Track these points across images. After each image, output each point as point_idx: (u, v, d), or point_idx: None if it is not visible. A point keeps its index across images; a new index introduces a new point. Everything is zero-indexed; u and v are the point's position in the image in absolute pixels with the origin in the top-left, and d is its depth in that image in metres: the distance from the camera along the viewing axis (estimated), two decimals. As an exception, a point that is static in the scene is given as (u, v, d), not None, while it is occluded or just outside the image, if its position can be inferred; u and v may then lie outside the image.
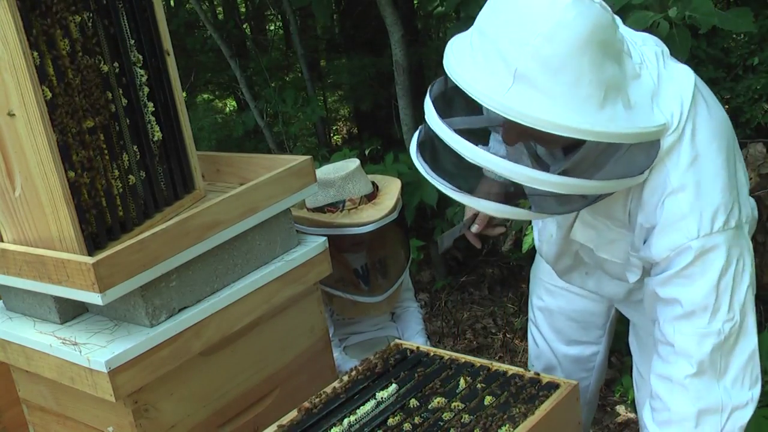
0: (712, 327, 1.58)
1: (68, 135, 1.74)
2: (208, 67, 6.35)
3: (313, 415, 1.87)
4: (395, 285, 2.68)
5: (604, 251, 1.78)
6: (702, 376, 1.59)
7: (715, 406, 1.60)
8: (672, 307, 1.61)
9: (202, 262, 1.92)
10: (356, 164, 2.60)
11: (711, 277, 1.57)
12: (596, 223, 1.76)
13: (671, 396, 1.62)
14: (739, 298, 1.59)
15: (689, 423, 1.60)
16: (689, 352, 1.59)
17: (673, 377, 1.61)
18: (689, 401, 1.60)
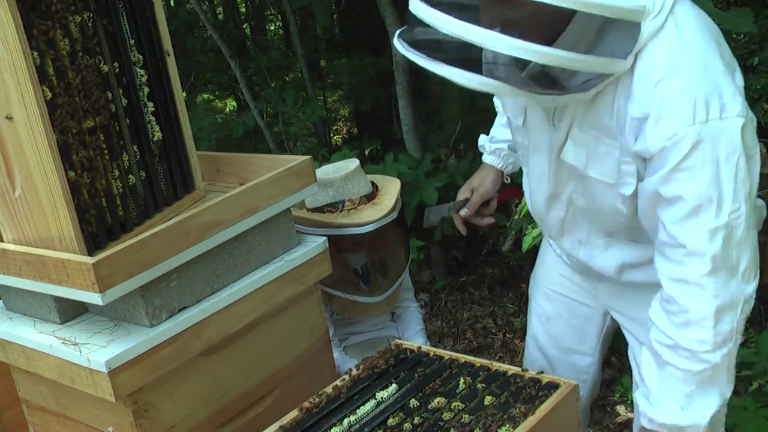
0: (720, 220, 1.54)
1: (68, 135, 1.74)
2: (208, 67, 6.35)
3: (313, 415, 1.87)
4: (395, 285, 2.68)
5: (594, 169, 1.72)
6: (717, 273, 1.56)
7: (731, 301, 1.58)
8: (677, 206, 1.57)
9: (202, 262, 1.92)
10: (356, 164, 2.60)
11: (712, 167, 1.53)
12: (586, 138, 1.71)
13: (688, 298, 1.59)
14: (744, 189, 1.56)
15: (708, 322, 1.58)
16: (701, 250, 1.55)
17: (689, 278, 1.58)
18: (707, 300, 1.57)
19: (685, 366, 1.62)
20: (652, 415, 1.69)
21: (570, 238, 1.93)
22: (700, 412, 1.65)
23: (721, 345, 1.60)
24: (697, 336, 1.60)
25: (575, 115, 1.71)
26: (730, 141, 1.54)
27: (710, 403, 1.65)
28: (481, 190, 2.24)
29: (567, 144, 1.75)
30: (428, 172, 3.86)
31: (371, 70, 5.15)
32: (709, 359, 1.61)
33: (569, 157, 1.75)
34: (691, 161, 1.54)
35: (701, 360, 1.61)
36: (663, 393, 1.67)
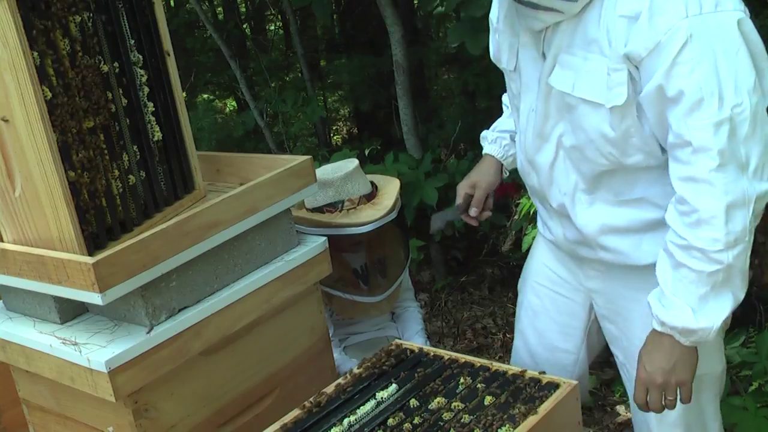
0: (723, 113, 1.54)
1: (68, 135, 1.74)
2: (208, 67, 6.36)
3: (314, 415, 1.87)
4: (395, 285, 2.68)
5: (581, 89, 1.71)
6: (726, 169, 1.56)
7: (742, 198, 1.57)
8: (680, 103, 1.57)
9: (202, 262, 1.92)
10: (355, 164, 2.60)
11: (710, 60, 1.53)
12: (573, 60, 1.71)
13: (698, 196, 1.59)
14: (746, 82, 1.55)
15: (719, 220, 1.57)
16: (707, 145, 1.55)
17: (697, 176, 1.58)
18: (717, 197, 1.57)
19: (699, 267, 1.62)
20: (663, 317, 1.68)
21: (557, 189, 1.90)
22: (713, 314, 1.65)
23: (733, 244, 1.59)
24: (708, 235, 1.59)
25: (563, 41, 1.72)
26: (727, 34, 1.55)
27: (723, 306, 1.65)
28: (484, 183, 2.20)
29: (554, 70, 1.76)
30: (428, 172, 3.86)
31: (371, 70, 5.16)
32: (722, 259, 1.60)
33: (556, 81, 1.75)
34: (687, 54, 1.54)
35: (713, 260, 1.60)
36: (676, 295, 1.66)
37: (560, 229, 1.98)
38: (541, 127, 1.85)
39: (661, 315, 1.69)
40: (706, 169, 1.57)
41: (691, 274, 1.63)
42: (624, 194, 1.81)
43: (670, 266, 1.67)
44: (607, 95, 1.67)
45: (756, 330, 2.88)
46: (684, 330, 1.67)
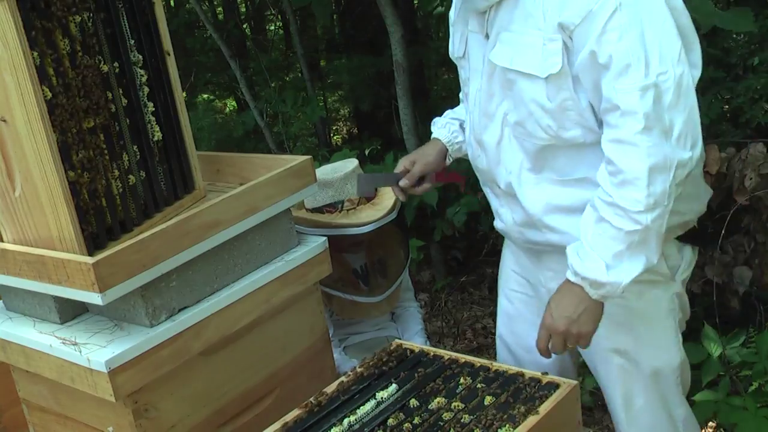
0: (649, 79, 1.63)
1: (68, 135, 1.74)
2: (208, 67, 6.36)
3: (314, 415, 1.87)
4: (395, 285, 2.68)
5: (519, 62, 1.79)
6: (650, 132, 1.64)
7: (664, 162, 1.66)
8: (610, 68, 1.66)
9: (202, 262, 1.92)
10: (355, 164, 2.60)
11: (637, 28, 1.63)
12: (512, 36, 1.80)
13: (624, 157, 1.67)
14: (671, 52, 1.65)
15: (642, 181, 1.66)
16: (634, 108, 1.64)
17: (624, 138, 1.66)
18: (640, 159, 1.65)
19: (619, 224, 1.69)
20: (578, 268, 1.76)
21: (503, 169, 1.94)
22: (624, 272, 1.73)
23: (653, 207, 1.67)
24: (631, 195, 1.67)
25: (504, 19, 1.81)
26: (654, 5, 1.66)
27: (635, 266, 1.73)
28: (423, 161, 2.23)
29: (495, 47, 1.84)
30: (428, 172, 3.85)
31: (371, 70, 5.16)
32: (641, 220, 1.68)
33: (496, 57, 1.83)
34: (616, 21, 1.64)
35: (633, 220, 1.68)
36: (594, 249, 1.74)
37: (509, 213, 2.02)
38: (487, 106, 1.92)
39: (575, 265, 1.76)
40: (632, 132, 1.65)
41: (611, 230, 1.71)
42: (567, 174, 1.87)
43: (593, 220, 1.74)
44: (542, 66, 1.75)
45: (756, 330, 2.88)
46: (594, 282, 1.74)
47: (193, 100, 6.61)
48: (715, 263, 2.95)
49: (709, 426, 2.79)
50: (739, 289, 2.94)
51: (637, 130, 1.64)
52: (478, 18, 1.89)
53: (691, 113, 1.68)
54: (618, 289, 1.74)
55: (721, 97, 3.37)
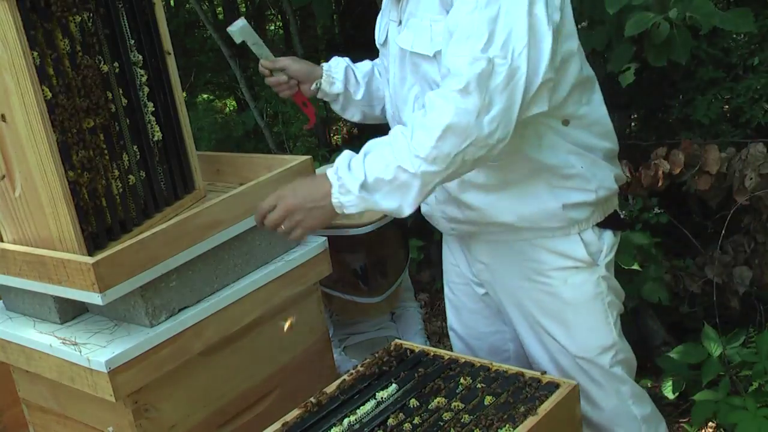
0: (484, 54, 1.65)
1: (68, 135, 1.74)
2: (208, 67, 6.35)
3: (314, 415, 1.87)
4: (394, 285, 2.68)
5: (417, 45, 1.86)
6: (467, 98, 1.65)
7: (464, 129, 1.66)
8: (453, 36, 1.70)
9: (202, 262, 1.92)
10: (356, 164, 2.59)
11: (492, 10, 1.66)
12: (416, 21, 1.87)
13: (433, 105, 1.69)
14: (516, 45, 1.67)
15: (435, 132, 1.66)
16: (461, 71, 1.66)
17: (443, 91, 1.69)
18: (445, 113, 1.66)
19: (398, 156, 1.69)
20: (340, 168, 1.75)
21: None
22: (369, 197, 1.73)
23: (430, 162, 1.68)
24: (421, 139, 1.68)
25: (413, 6, 1.88)
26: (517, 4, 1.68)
27: (383, 201, 1.73)
28: (296, 65, 2.31)
29: (402, 32, 1.92)
30: (428, 172, 3.84)
31: (371, 70, 5.14)
32: (414, 164, 1.68)
33: (401, 41, 1.91)
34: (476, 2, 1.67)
35: (409, 160, 1.68)
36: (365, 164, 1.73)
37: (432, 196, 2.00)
38: (401, 90, 1.98)
39: (340, 164, 1.76)
40: (450, 88, 1.66)
41: (389, 156, 1.71)
42: None
43: (383, 141, 1.76)
44: (430, 45, 1.82)
45: (756, 330, 2.88)
46: (343, 187, 1.74)
47: (193, 100, 6.60)
48: (715, 263, 2.95)
49: (709, 426, 2.79)
50: (739, 289, 2.95)
51: (454, 89, 1.66)
52: (395, 6, 1.97)
53: (511, 108, 1.69)
54: (357, 208, 1.75)
55: (721, 97, 3.37)
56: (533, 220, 1.94)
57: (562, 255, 1.97)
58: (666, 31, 2.62)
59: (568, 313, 2.00)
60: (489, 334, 2.28)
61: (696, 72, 3.41)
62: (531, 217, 1.94)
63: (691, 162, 2.92)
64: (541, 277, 2.00)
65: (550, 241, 1.97)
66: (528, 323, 2.08)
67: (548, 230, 1.96)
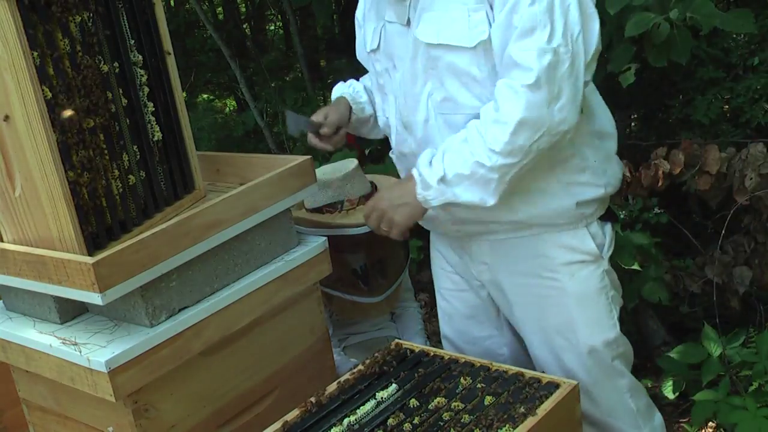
0: (550, 45, 1.72)
1: (68, 135, 1.74)
2: (208, 67, 6.36)
3: (314, 415, 1.87)
4: (394, 285, 2.68)
5: (447, 37, 1.85)
6: (537, 91, 1.73)
7: (537, 121, 1.74)
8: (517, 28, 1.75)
9: (202, 262, 1.92)
10: (354, 164, 2.60)
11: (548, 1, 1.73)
12: (436, 14, 1.87)
13: (505, 100, 1.75)
14: (573, 31, 1.75)
15: (509, 127, 1.74)
16: (530, 65, 1.73)
17: (513, 85, 1.75)
18: (517, 108, 1.74)
19: (475, 151, 1.79)
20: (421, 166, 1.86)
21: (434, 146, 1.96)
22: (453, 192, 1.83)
23: (506, 155, 1.77)
24: (496, 133, 1.76)
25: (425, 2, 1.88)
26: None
27: (466, 194, 1.83)
28: (336, 112, 2.26)
29: (419, 27, 1.90)
30: (428, 172, 3.84)
31: (371, 70, 5.14)
32: (491, 159, 1.77)
33: (423, 35, 1.89)
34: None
35: (486, 155, 1.77)
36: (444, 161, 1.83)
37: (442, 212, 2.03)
38: (412, 89, 1.97)
39: (421, 163, 1.87)
40: (521, 83, 1.74)
41: (466, 153, 1.80)
42: None
43: (460, 139, 1.83)
44: (469, 36, 1.82)
45: (756, 330, 2.88)
46: (425, 182, 1.85)
47: (193, 100, 6.61)
48: (715, 263, 2.95)
49: (709, 426, 2.79)
50: (739, 289, 2.95)
51: (525, 83, 1.73)
52: (396, 7, 1.96)
53: (577, 92, 1.77)
54: (438, 200, 1.85)
55: (721, 97, 3.37)
56: (546, 217, 1.96)
57: (570, 249, 1.99)
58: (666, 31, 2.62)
59: (573, 307, 2.01)
60: (483, 339, 2.29)
61: (696, 72, 3.41)
62: (543, 215, 1.96)
63: (691, 162, 2.92)
64: (548, 272, 2.01)
65: (557, 236, 1.99)
66: (531, 321, 2.08)
67: (557, 225, 1.97)
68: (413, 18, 1.92)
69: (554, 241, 1.99)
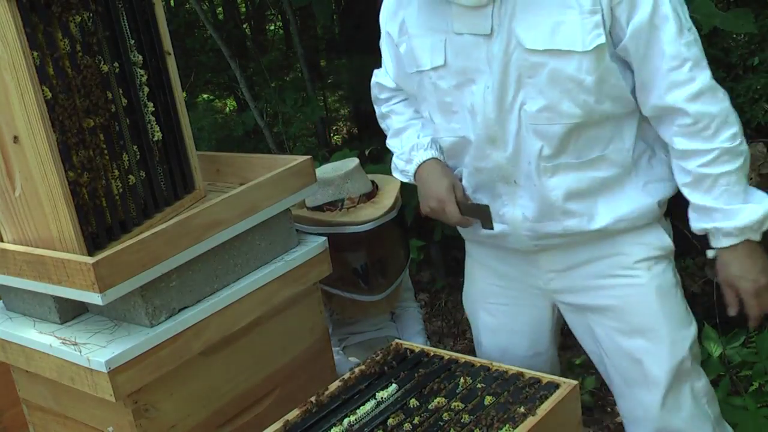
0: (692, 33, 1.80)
1: (68, 135, 1.74)
2: (208, 67, 6.35)
3: (314, 415, 1.87)
4: (394, 284, 2.68)
5: (558, 41, 1.78)
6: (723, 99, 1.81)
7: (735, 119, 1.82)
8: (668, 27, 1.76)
9: (202, 262, 1.92)
10: (355, 163, 2.60)
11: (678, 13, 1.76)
12: (537, 19, 1.79)
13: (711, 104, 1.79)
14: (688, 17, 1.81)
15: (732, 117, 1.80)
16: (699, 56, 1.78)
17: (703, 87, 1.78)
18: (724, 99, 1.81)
19: (732, 166, 1.81)
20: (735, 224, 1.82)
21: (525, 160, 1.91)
22: (758, 196, 1.84)
23: (741, 134, 1.82)
24: (729, 133, 1.80)
25: (519, 8, 1.80)
26: None
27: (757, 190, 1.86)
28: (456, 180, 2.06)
29: (518, 35, 1.80)
30: (428, 172, 3.84)
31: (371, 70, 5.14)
32: (742, 149, 1.82)
33: (531, 42, 1.79)
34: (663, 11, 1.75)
35: (738, 153, 1.81)
36: (729, 203, 1.82)
37: (519, 210, 1.97)
38: (502, 101, 1.87)
39: (728, 226, 1.83)
40: (707, 78, 1.78)
41: (731, 177, 1.81)
42: (585, 155, 1.89)
43: (707, 187, 1.83)
44: (583, 40, 1.77)
45: (756, 330, 2.88)
46: (757, 222, 1.82)
47: (193, 100, 6.60)
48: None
49: (709, 426, 2.79)
50: (740, 289, 2.94)
51: (709, 76, 1.78)
52: (472, 18, 1.84)
53: None
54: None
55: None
56: (629, 220, 1.92)
57: (646, 245, 1.96)
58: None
59: (654, 303, 1.96)
60: (529, 357, 2.18)
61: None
62: (627, 218, 1.92)
63: (692, 162, 2.91)
64: (625, 270, 1.96)
65: (633, 234, 1.95)
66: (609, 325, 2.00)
67: (638, 227, 1.95)
68: (498, 27, 1.82)
69: (630, 239, 1.95)
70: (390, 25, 2.06)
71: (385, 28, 2.08)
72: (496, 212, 2.02)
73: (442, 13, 1.89)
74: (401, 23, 2.01)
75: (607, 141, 1.88)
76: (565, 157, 1.89)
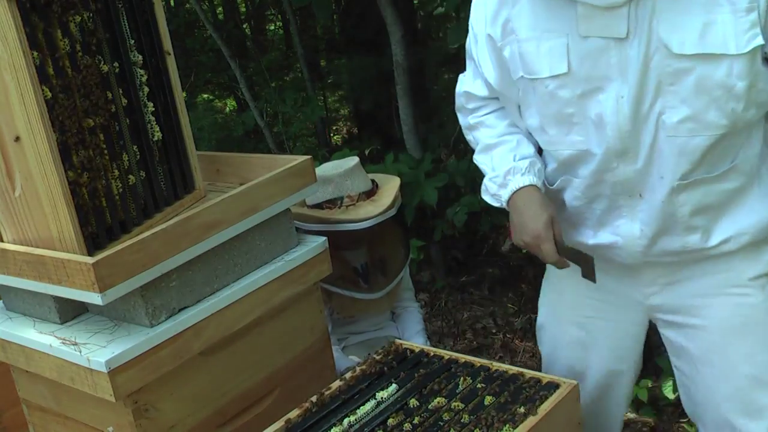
0: None
1: (68, 135, 1.74)
2: (208, 67, 6.36)
3: (314, 415, 1.87)
4: (394, 282, 2.68)
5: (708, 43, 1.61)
6: None
7: None
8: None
9: (202, 262, 1.92)
10: (355, 161, 2.61)
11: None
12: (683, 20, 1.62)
13: None
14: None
15: None
16: None
17: None
18: None
19: None
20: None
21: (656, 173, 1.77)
22: None
23: None
24: None
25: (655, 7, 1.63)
26: None
27: None
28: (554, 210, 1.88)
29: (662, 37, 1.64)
30: (428, 172, 3.86)
31: (371, 70, 5.16)
32: None
33: (678, 45, 1.63)
34: None
35: None
36: None
37: (637, 226, 1.83)
38: (638, 110, 1.71)
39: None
40: None
41: None
42: (719, 167, 1.75)
43: None
44: (737, 42, 1.60)
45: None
46: None
47: (193, 100, 6.61)
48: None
49: (709, 426, 2.79)
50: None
51: None
52: (604, 19, 1.66)
53: None
54: None
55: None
56: (750, 234, 1.79)
57: (758, 261, 1.83)
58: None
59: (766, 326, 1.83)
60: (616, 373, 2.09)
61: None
62: (747, 232, 1.79)
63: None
64: (737, 288, 1.83)
65: (749, 249, 1.81)
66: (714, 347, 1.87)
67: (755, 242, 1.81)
68: (635, 29, 1.65)
69: (744, 254, 1.81)
70: (491, 27, 1.85)
71: (486, 31, 1.87)
72: (612, 222, 1.88)
73: (563, 13, 1.70)
74: (504, 23, 1.82)
75: (737, 149, 1.74)
76: (699, 172, 1.75)
